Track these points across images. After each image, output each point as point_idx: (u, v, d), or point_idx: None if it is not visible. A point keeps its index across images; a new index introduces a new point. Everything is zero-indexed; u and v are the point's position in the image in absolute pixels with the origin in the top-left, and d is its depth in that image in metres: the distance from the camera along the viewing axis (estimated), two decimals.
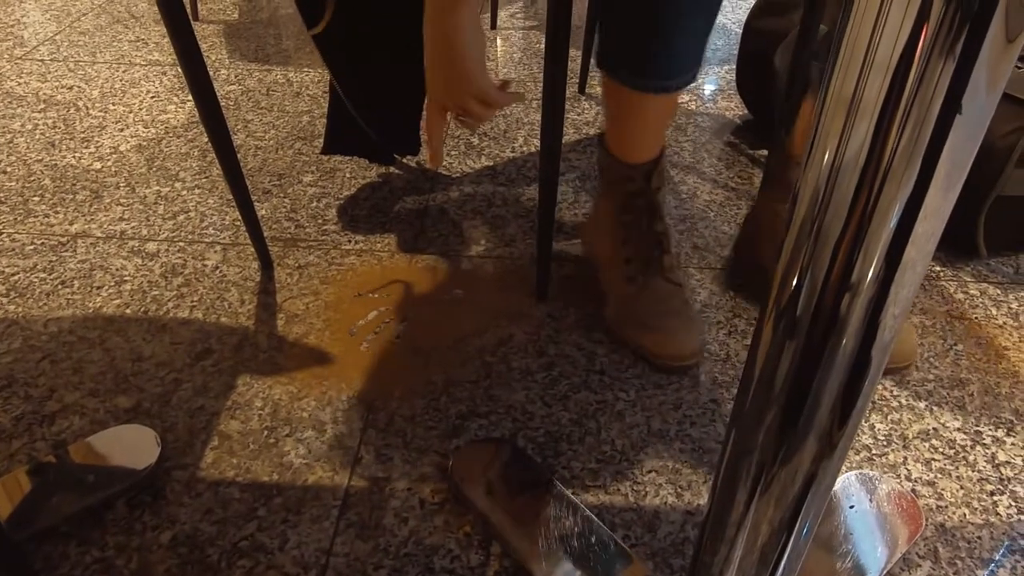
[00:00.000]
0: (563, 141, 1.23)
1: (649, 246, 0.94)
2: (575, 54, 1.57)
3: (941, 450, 0.82)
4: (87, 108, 1.43)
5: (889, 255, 0.33)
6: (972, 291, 1.04)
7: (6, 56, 1.62)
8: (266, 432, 0.81)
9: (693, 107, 1.49)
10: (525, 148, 1.35)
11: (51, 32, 1.73)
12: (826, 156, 0.32)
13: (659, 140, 0.92)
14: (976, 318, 1.00)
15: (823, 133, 0.32)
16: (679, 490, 0.77)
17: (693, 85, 1.57)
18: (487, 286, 1.03)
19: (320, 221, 1.14)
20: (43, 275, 1.02)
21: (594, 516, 0.73)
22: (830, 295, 0.35)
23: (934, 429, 0.84)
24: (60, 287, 1.00)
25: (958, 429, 0.85)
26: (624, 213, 0.94)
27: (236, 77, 1.55)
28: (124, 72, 1.57)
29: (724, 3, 1.96)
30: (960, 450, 0.82)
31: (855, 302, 0.35)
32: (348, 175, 1.25)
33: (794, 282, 0.37)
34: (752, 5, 1.38)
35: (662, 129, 0.93)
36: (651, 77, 0.84)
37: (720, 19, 1.89)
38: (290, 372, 0.89)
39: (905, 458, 0.81)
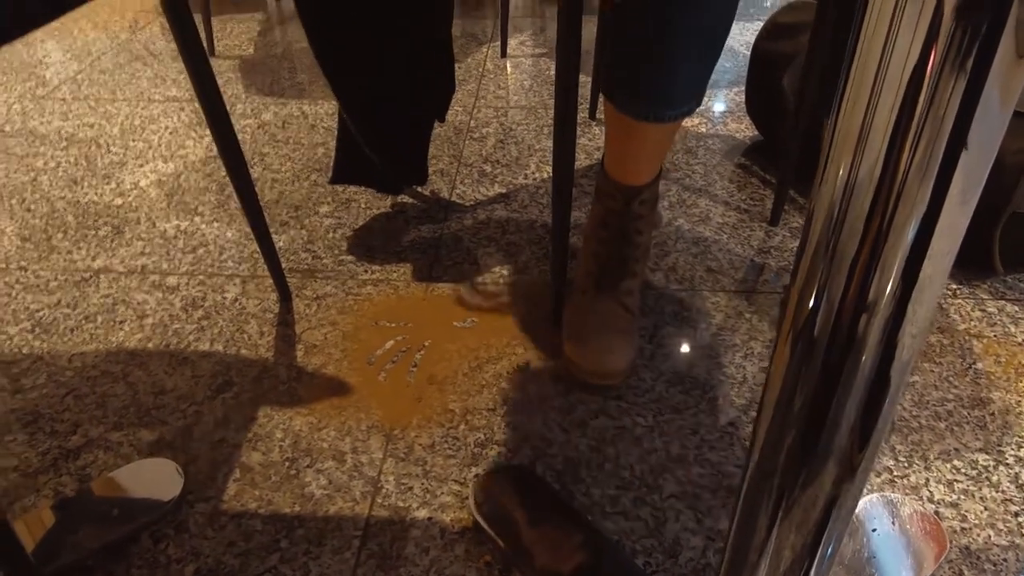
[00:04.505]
0: (575, 167, 1.24)
1: (613, 266, 0.94)
2: (584, 79, 1.59)
3: (963, 471, 0.81)
4: (108, 145, 1.46)
5: (906, 274, 0.33)
6: (990, 309, 1.04)
7: (29, 96, 1.66)
8: (287, 463, 0.82)
9: (703, 129, 1.50)
10: (537, 175, 1.36)
11: (72, 71, 1.78)
12: (839, 175, 0.33)
13: (652, 167, 0.93)
14: (995, 336, 0.99)
15: (836, 152, 0.33)
16: (699, 515, 0.77)
17: (702, 108, 1.58)
18: (502, 313, 1.04)
19: (336, 252, 1.16)
20: (67, 311, 1.04)
21: (615, 543, 0.73)
22: (847, 315, 0.36)
23: (955, 450, 0.84)
24: (84, 322, 1.02)
25: (980, 449, 0.84)
26: (601, 228, 0.96)
27: (252, 111, 1.58)
28: (143, 109, 1.60)
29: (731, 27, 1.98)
30: (983, 470, 0.81)
31: (872, 322, 0.35)
32: (363, 205, 1.27)
33: (811, 303, 0.37)
34: (760, 28, 1.39)
35: (656, 157, 0.94)
36: (647, 106, 0.85)
37: (728, 42, 1.91)
38: (310, 403, 0.89)
39: (927, 479, 0.81)
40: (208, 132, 1.47)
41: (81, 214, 1.25)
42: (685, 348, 0.98)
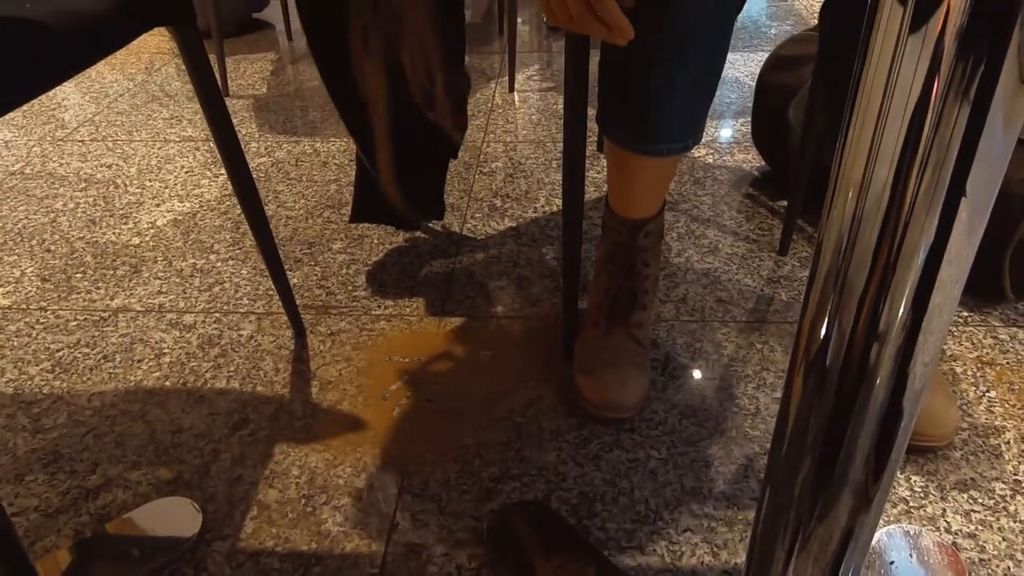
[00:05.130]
0: (584, 199, 1.26)
1: (623, 299, 0.95)
2: (592, 112, 1.61)
3: (980, 501, 0.81)
4: (125, 185, 1.49)
5: (915, 303, 0.34)
6: (1002, 336, 1.04)
7: (49, 139, 1.69)
8: (303, 500, 0.83)
9: (711, 160, 1.52)
10: (547, 208, 1.38)
11: (90, 113, 1.82)
12: (847, 205, 0.33)
13: (654, 200, 0.94)
14: (1007, 363, 0.99)
15: (843, 182, 0.33)
16: (715, 549, 0.77)
17: (709, 138, 1.60)
18: (515, 347, 1.05)
19: (350, 288, 1.17)
20: (86, 350, 1.06)
21: None
22: (858, 345, 0.36)
23: (971, 479, 0.83)
24: (103, 362, 1.03)
25: (996, 479, 0.83)
26: (609, 262, 0.97)
27: (266, 149, 1.61)
28: (160, 149, 1.63)
29: (735, 58, 2.01)
30: (1000, 500, 0.81)
31: (883, 352, 0.36)
32: (376, 241, 1.29)
33: (822, 333, 0.38)
34: (763, 59, 1.42)
35: (658, 190, 0.95)
36: (644, 140, 0.86)
37: (733, 73, 1.93)
38: (325, 439, 0.90)
39: (944, 510, 0.80)
40: (223, 171, 1.50)
41: (100, 254, 1.27)
42: (697, 380, 0.98)
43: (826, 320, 0.37)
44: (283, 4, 2.26)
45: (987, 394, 0.94)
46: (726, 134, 1.63)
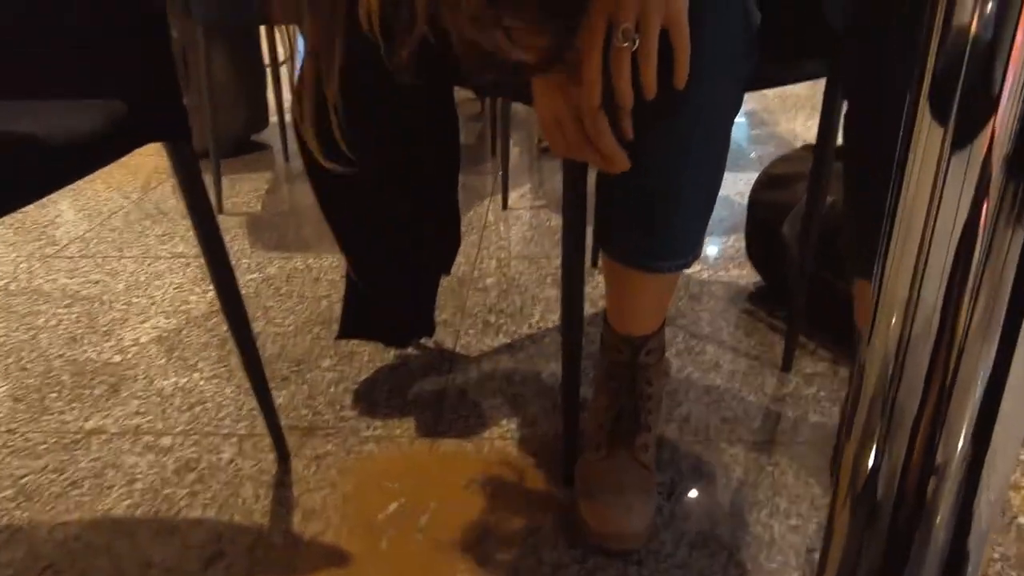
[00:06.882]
0: (583, 316, 1.23)
1: (625, 419, 0.91)
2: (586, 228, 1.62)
3: None
4: (111, 302, 1.46)
5: (977, 435, 0.30)
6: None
7: (37, 255, 1.68)
8: None
9: (706, 276, 1.51)
10: (542, 324, 1.35)
11: (82, 230, 1.81)
12: (892, 327, 0.31)
13: (654, 317, 0.92)
14: None
15: (886, 302, 0.31)
16: None
17: (703, 254, 1.60)
18: (512, 471, 0.99)
19: (338, 407, 1.12)
20: (53, 476, 0.99)
21: None
22: (913, 479, 0.32)
23: None
24: (70, 488, 0.96)
25: None
26: (610, 380, 0.93)
27: (257, 266, 1.60)
28: (149, 265, 1.61)
29: (724, 178, 2.05)
30: None
31: (942, 487, 0.32)
32: (367, 358, 1.24)
33: (870, 463, 0.34)
34: (751, 178, 1.43)
35: (659, 307, 0.92)
36: (643, 258, 0.84)
37: (722, 192, 1.96)
38: (307, 574, 0.83)
39: None
40: (212, 286, 1.48)
41: (78, 372, 1.22)
42: (706, 506, 0.92)
43: (874, 449, 0.33)
44: (281, 125, 2.32)
45: (1015, 520, 0.89)
46: (719, 250, 1.64)
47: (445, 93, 1.03)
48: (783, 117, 2.61)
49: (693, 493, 0.94)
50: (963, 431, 0.30)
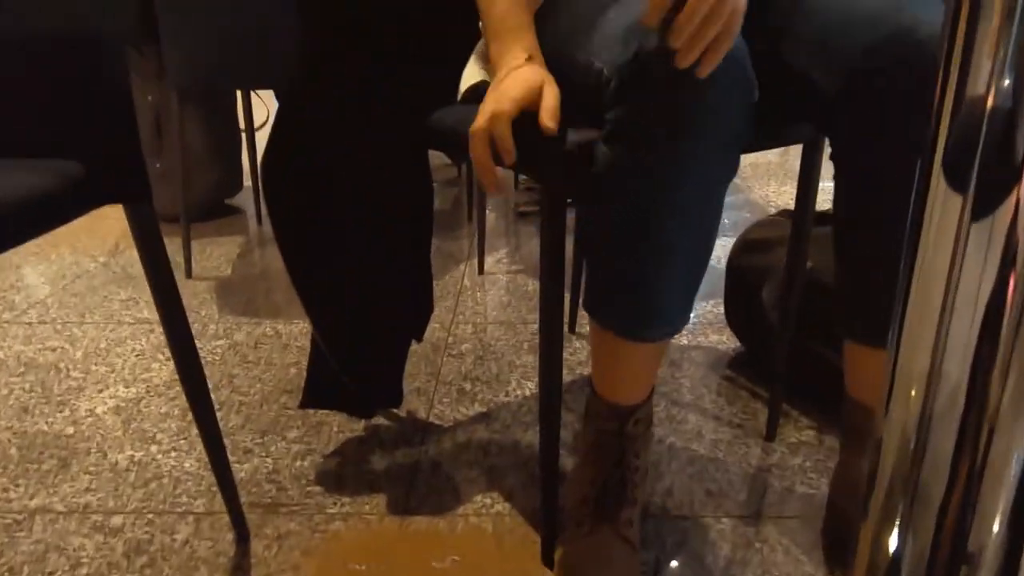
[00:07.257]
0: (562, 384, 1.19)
1: (610, 493, 0.86)
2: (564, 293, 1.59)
3: None
4: (68, 370, 1.39)
5: (1013, 523, 0.27)
6: None
7: None
8: None
9: (685, 342, 1.48)
10: (519, 391, 1.31)
11: (43, 295, 1.75)
12: (912, 402, 0.28)
13: (642, 386, 0.88)
14: None
15: (903, 375, 0.28)
16: None
17: None
18: (488, 550, 0.93)
19: (303, 482, 1.06)
20: None
21: None
22: (941, 568, 0.29)
23: None
24: (7, 575, 0.89)
25: None
26: (596, 450, 0.89)
27: (225, 331, 1.55)
28: (111, 331, 1.56)
29: None
30: None
31: None
32: (335, 429, 1.19)
33: (891, 547, 0.30)
34: (727, 244, 1.43)
35: (645, 375, 0.89)
36: (631, 326, 0.81)
37: None
38: None
39: None
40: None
41: (26, 446, 1.15)
42: None
43: (895, 531, 0.29)
44: (255, 189, 2.30)
45: None
46: (698, 315, 1.62)
47: (420, 156, 1.02)
48: (756, 183, 2.64)
49: (680, 572, 0.89)
50: (998, 515, 0.27)
